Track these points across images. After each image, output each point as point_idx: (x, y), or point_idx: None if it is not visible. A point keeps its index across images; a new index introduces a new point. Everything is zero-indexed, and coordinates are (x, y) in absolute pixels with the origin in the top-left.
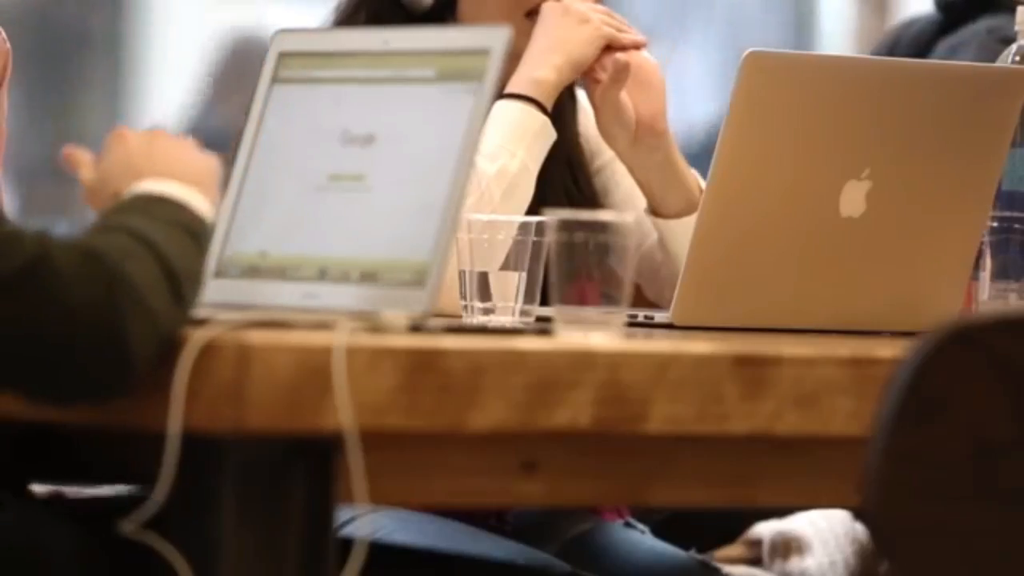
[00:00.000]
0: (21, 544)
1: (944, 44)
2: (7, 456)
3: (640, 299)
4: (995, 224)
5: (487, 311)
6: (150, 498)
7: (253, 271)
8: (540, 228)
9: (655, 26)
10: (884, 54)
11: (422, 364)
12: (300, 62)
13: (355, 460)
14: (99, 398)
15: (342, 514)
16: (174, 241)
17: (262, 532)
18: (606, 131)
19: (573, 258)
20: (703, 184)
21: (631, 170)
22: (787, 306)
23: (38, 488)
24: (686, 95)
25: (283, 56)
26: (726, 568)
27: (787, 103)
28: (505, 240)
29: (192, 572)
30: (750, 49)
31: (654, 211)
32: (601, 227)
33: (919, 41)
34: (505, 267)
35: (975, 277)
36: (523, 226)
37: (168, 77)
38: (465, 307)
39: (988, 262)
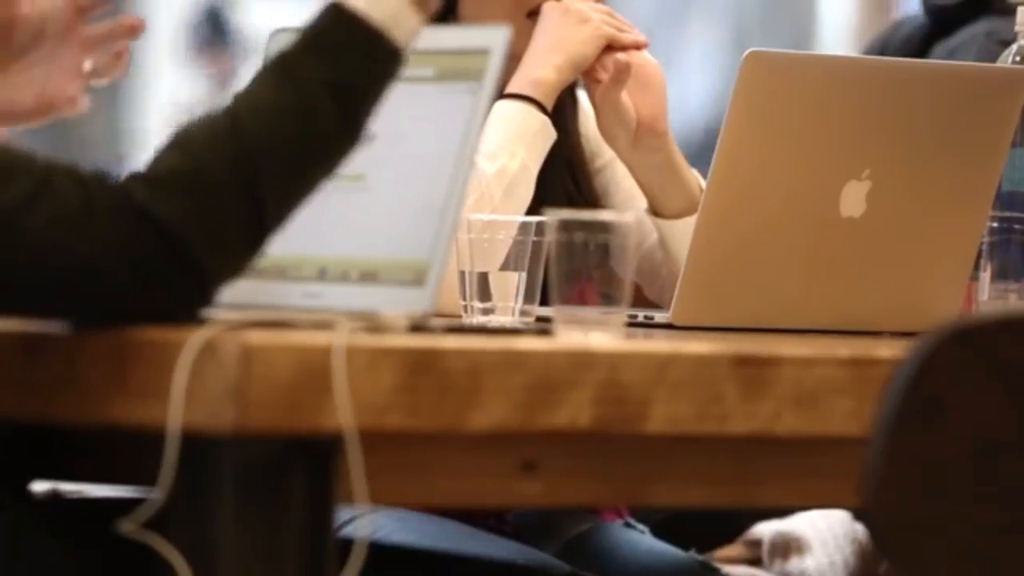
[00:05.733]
0: (20, 544)
1: (941, 48)
2: (7, 456)
3: (640, 299)
4: (995, 224)
5: (487, 311)
6: (150, 498)
7: (253, 271)
8: (540, 228)
9: (656, 26)
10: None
11: (422, 364)
12: None
13: (355, 460)
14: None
15: (342, 514)
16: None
17: (262, 532)
18: (607, 131)
19: (573, 258)
20: (703, 184)
21: (632, 170)
22: (787, 306)
23: (37, 488)
24: (686, 94)
25: None
26: (726, 568)
27: (787, 103)
28: (505, 240)
29: (192, 572)
30: (750, 49)
31: (654, 211)
32: (601, 227)
33: (909, 45)
34: (505, 267)
35: (975, 277)
36: (523, 226)
37: (167, 71)
38: (465, 307)
39: (988, 262)
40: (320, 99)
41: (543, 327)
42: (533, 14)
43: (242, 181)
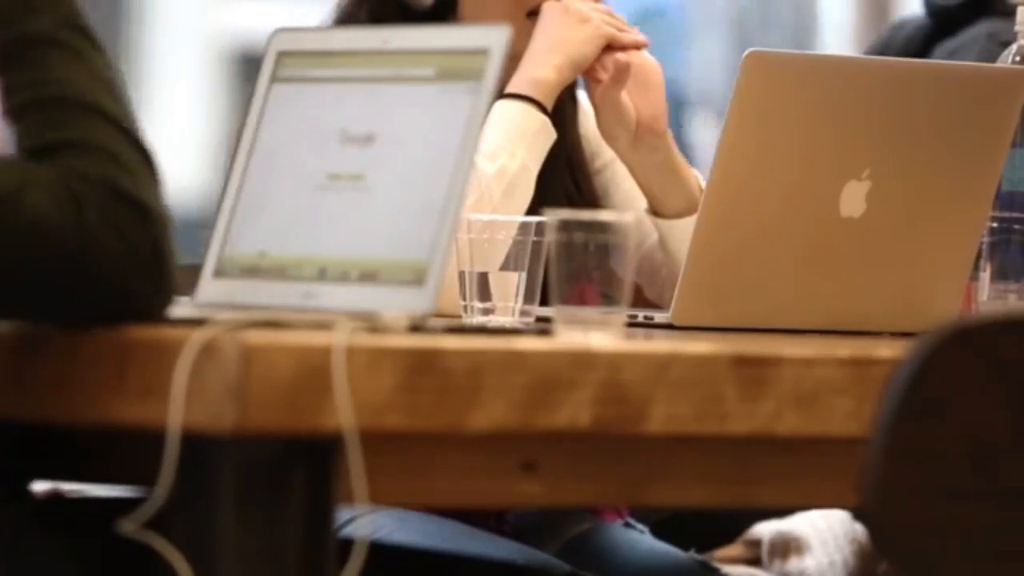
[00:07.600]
0: (20, 544)
1: (942, 49)
2: (7, 456)
3: (640, 299)
4: (995, 224)
5: (487, 311)
6: (150, 498)
7: (253, 271)
8: (540, 228)
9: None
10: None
11: (422, 364)
12: (299, 61)
13: (355, 460)
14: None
15: (342, 514)
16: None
17: (262, 532)
18: (607, 131)
19: (573, 258)
20: (703, 184)
21: (631, 170)
22: (787, 306)
23: (37, 488)
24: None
25: (282, 55)
26: (726, 568)
27: (787, 103)
28: (505, 240)
29: (192, 572)
30: (750, 49)
31: (654, 211)
32: (601, 227)
33: (910, 45)
34: (505, 267)
35: (975, 277)
36: (523, 226)
37: (169, 77)
38: (465, 307)
39: (988, 262)
40: (66, 33)
41: (543, 327)
42: (533, 14)
43: (124, 131)
